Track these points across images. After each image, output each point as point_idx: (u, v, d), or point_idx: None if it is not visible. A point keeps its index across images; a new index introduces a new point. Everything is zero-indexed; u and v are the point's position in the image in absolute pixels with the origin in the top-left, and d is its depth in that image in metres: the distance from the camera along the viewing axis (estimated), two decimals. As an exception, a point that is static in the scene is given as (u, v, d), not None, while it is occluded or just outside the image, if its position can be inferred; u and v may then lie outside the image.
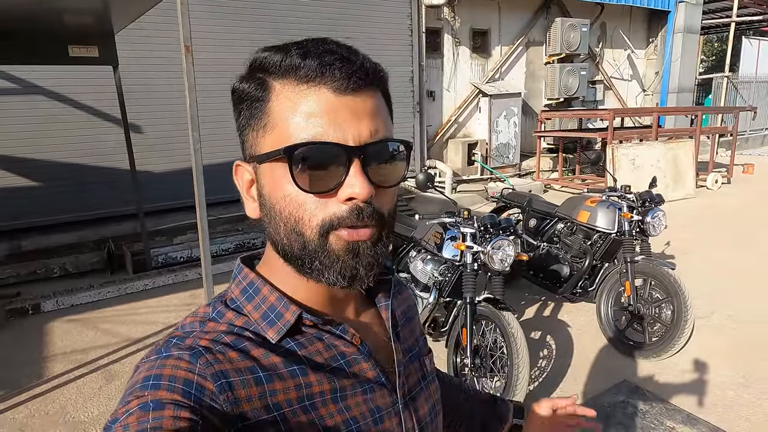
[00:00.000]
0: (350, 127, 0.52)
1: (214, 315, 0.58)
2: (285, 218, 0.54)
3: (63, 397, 3.01)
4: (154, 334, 3.81)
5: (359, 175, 0.52)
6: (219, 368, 0.50)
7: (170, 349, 0.52)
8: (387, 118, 0.57)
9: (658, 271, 3.22)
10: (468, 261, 2.75)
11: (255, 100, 0.55)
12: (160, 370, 0.49)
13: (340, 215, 0.52)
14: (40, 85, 5.35)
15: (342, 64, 0.52)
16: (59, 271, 5.09)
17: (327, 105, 0.51)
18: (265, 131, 0.54)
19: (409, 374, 0.66)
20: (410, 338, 0.71)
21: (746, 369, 3.11)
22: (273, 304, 0.58)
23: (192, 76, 2.68)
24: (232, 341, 0.54)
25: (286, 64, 0.53)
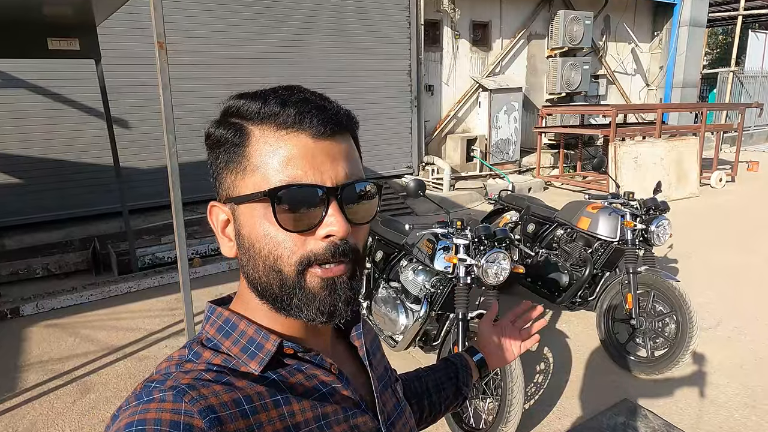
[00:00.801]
0: (328, 169, 0.55)
1: (191, 356, 0.58)
2: (264, 256, 0.56)
3: (34, 412, 2.86)
4: (135, 342, 3.66)
5: (337, 213, 0.55)
6: (205, 404, 0.50)
7: (151, 392, 0.50)
8: (358, 160, 0.61)
9: (662, 283, 3.06)
10: (461, 274, 2.58)
11: (233, 144, 0.57)
12: (143, 415, 0.47)
13: (317, 252, 0.55)
14: (22, 79, 5.16)
15: (318, 111, 0.56)
16: (42, 272, 4.93)
17: (305, 149, 0.55)
18: (244, 174, 0.56)
19: (385, 401, 0.68)
20: (380, 367, 0.74)
21: (753, 387, 2.96)
22: (252, 337, 0.59)
23: (167, 74, 2.50)
24: (213, 377, 0.54)
25: (265, 112, 0.55)
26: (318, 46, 6.99)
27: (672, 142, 7.84)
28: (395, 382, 0.76)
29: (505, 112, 8.90)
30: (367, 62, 7.49)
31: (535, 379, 3.13)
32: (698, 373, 3.11)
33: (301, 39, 6.85)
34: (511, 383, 2.33)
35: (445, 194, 7.76)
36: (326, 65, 7.10)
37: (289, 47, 6.75)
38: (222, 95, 0.61)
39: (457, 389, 0.99)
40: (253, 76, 6.41)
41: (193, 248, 5.26)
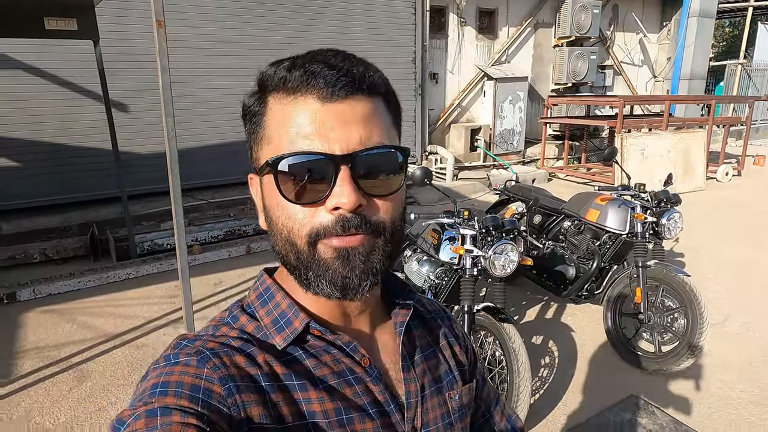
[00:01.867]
0: (338, 134, 0.51)
1: (229, 319, 0.59)
2: (279, 229, 0.55)
3: (29, 399, 2.81)
4: (133, 329, 3.60)
5: (346, 183, 0.51)
6: (226, 372, 0.51)
7: (179, 355, 0.52)
8: (385, 124, 0.55)
9: (671, 277, 2.99)
10: (467, 265, 2.51)
11: (254, 114, 0.56)
12: (167, 377, 0.49)
13: (326, 224, 0.52)
14: (19, 59, 5.05)
15: (328, 71, 0.51)
16: (40, 257, 4.86)
17: (313, 114, 0.51)
18: (262, 144, 0.55)
19: (428, 408, 0.63)
20: (435, 371, 0.67)
21: (762, 385, 2.90)
22: (284, 311, 0.58)
23: (165, 55, 2.41)
24: (240, 345, 0.55)
25: (277, 78, 0.53)
26: (322, 31, 6.86)
27: (679, 135, 7.73)
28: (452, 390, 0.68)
29: (510, 101, 8.78)
30: (371, 48, 7.35)
31: (541, 374, 3.07)
32: (706, 369, 3.05)
33: (304, 23, 6.72)
34: (517, 378, 2.27)
35: (448, 184, 7.67)
36: (329, 51, 6.97)
37: (292, 31, 6.62)
38: (222, 79, 0.56)
39: None
40: (255, 59, 6.28)
41: (192, 235, 5.19)
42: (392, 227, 0.55)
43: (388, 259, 0.56)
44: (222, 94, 6.13)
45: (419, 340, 0.68)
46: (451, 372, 0.70)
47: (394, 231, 0.56)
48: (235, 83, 6.11)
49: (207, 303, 4.03)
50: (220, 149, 6.31)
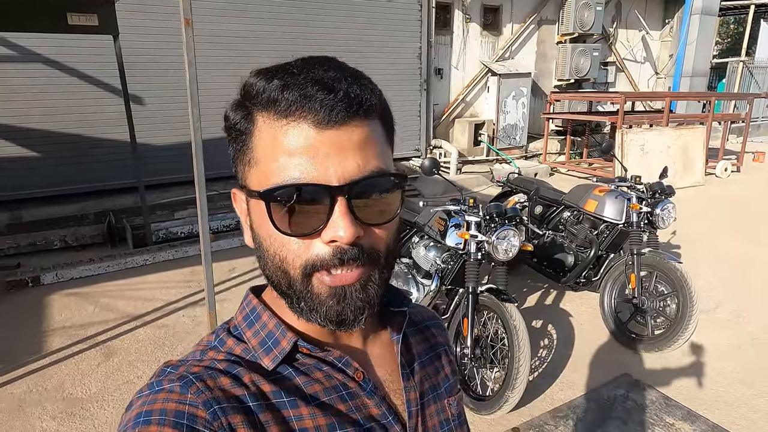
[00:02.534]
0: (333, 163, 0.48)
1: (216, 343, 0.58)
2: (271, 256, 0.52)
3: (61, 373, 3.01)
4: (154, 311, 3.79)
5: (343, 216, 0.48)
6: (210, 395, 0.49)
7: (162, 382, 0.51)
8: (381, 147, 0.52)
9: (664, 264, 3.16)
10: (472, 250, 2.69)
11: (240, 133, 0.53)
12: (151, 405, 0.48)
13: (322, 257, 0.50)
14: (41, 53, 5.24)
15: (324, 95, 0.47)
16: (59, 244, 5.06)
17: (307, 141, 0.48)
18: (250, 166, 0.52)
19: (427, 416, 0.62)
20: (435, 377, 0.67)
21: (748, 366, 3.08)
22: (271, 331, 0.56)
23: (192, 50, 2.58)
24: (225, 368, 0.53)
25: (266, 97, 0.49)
26: (329, 27, 7.02)
27: (679, 131, 7.88)
28: (451, 396, 0.68)
29: (514, 97, 8.93)
30: (377, 44, 7.51)
31: (540, 354, 3.26)
32: (696, 351, 3.24)
33: (312, 19, 6.88)
34: (518, 352, 2.45)
35: (451, 178, 7.84)
36: (336, 46, 7.12)
37: (301, 26, 6.78)
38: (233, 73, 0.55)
39: None
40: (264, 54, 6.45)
41: (205, 224, 5.38)
42: (387, 253, 0.54)
43: (384, 285, 0.55)
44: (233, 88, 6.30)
45: (416, 347, 0.67)
46: (448, 378, 0.70)
47: (389, 256, 0.54)
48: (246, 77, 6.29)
49: (222, 288, 4.23)
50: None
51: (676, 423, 2.58)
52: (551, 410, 2.69)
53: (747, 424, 2.57)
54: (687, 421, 2.60)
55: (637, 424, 2.58)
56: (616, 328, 3.34)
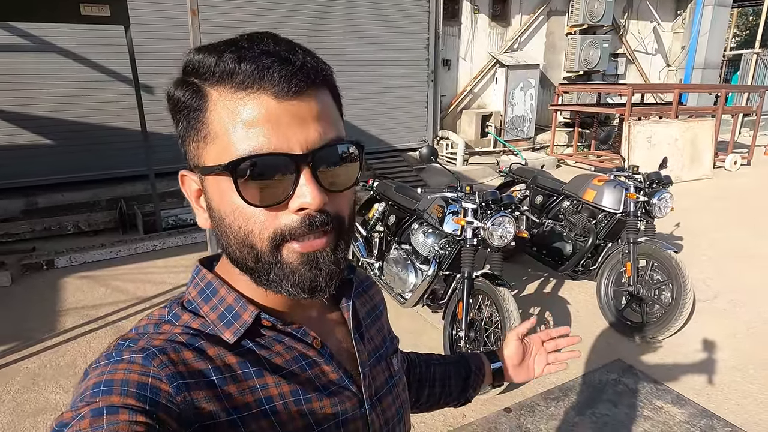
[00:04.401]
0: (295, 133, 0.49)
1: (170, 317, 0.56)
2: (235, 231, 0.52)
3: (74, 350, 3.14)
4: (163, 293, 3.92)
5: (310, 182, 0.49)
6: (174, 370, 0.49)
7: (122, 352, 0.50)
8: (336, 117, 0.54)
9: (660, 253, 3.21)
10: (468, 236, 2.77)
11: (192, 109, 0.52)
12: (111, 375, 0.47)
13: (291, 226, 0.50)
14: (54, 43, 5.36)
15: (281, 66, 0.48)
16: (73, 229, 5.22)
17: (268, 112, 0.48)
18: (206, 142, 0.51)
19: (375, 375, 0.66)
20: (377, 337, 0.71)
21: (742, 354, 3.12)
22: (230, 305, 0.56)
23: (198, 40, 2.68)
24: (187, 340, 0.53)
25: (221, 70, 0.49)
26: (336, 18, 7.07)
27: (687, 123, 7.83)
28: (393, 354, 0.72)
29: (522, 88, 8.93)
30: (385, 36, 7.55)
31: (535, 339, 3.32)
32: (691, 338, 3.29)
33: (323, 10, 6.93)
34: (510, 335, 2.53)
35: (458, 169, 7.89)
36: (344, 38, 7.18)
37: (310, 17, 6.84)
38: None
39: (462, 390, 0.95)
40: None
41: (214, 211, 5.50)
42: (350, 219, 0.56)
43: (348, 250, 0.56)
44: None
45: (360, 310, 0.70)
46: (388, 336, 0.74)
47: (351, 223, 0.56)
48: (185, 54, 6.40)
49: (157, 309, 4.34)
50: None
51: (665, 406, 2.65)
52: (543, 392, 2.77)
53: (735, 408, 2.63)
54: (676, 405, 2.66)
55: (626, 407, 2.65)
56: (612, 315, 3.40)
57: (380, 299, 0.78)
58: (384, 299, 0.80)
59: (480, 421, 2.55)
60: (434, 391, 0.92)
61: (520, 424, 2.53)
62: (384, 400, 0.66)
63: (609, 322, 3.43)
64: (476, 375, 0.95)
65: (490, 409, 2.63)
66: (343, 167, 0.53)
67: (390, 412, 0.66)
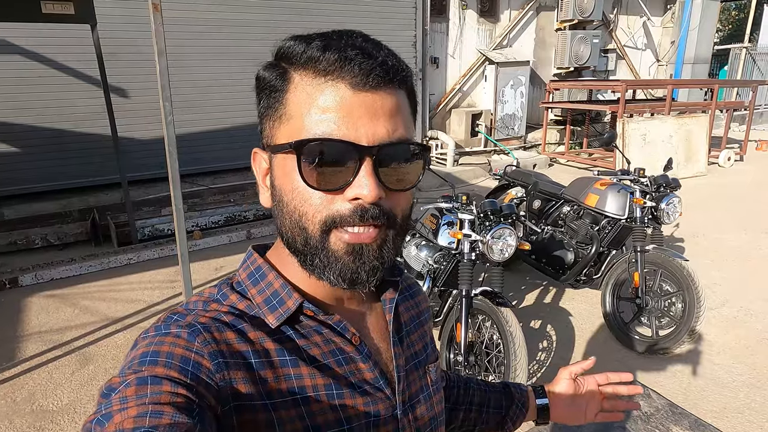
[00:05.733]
0: (365, 125, 0.51)
1: (218, 296, 0.59)
2: (290, 211, 0.54)
3: (33, 383, 2.85)
4: (135, 314, 3.63)
5: (369, 176, 0.51)
6: (217, 347, 0.51)
7: (170, 326, 0.52)
8: (408, 118, 0.55)
9: (669, 262, 2.99)
10: (465, 250, 2.52)
11: (274, 89, 0.55)
12: (158, 347, 0.49)
13: (343, 213, 0.52)
14: (15, 44, 5.02)
15: (363, 59, 0.50)
16: (41, 242, 4.89)
17: (342, 101, 0.50)
18: (280, 122, 0.54)
19: (411, 381, 0.65)
20: (418, 344, 0.70)
21: (758, 369, 2.92)
22: (276, 290, 0.58)
23: (162, 38, 2.39)
24: (231, 321, 0.55)
25: (306, 56, 0.52)
26: (321, 14, 6.79)
27: (681, 120, 7.68)
28: (431, 363, 0.71)
29: (512, 86, 8.71)
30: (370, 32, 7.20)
31: (538, 357, 3.10)
32: (703, 352, 3.08)
33: (304, 5, 6.65)
34: (514, 361, 2.29)
35: (448, 169, 7.66)
36: (329, 35, 6.91)
37: (290, 14, 6.55)
38: (220, 63, 0.53)
39: (500, 421, 0.91)
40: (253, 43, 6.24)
41: (193, 221, 5.21)
42: (403, 219, 0.56)
43: (396, 250, 0.57)
44: (220, 78, 6.11)
45: (404, 315, 0.69)
46: (429, 345, 0.72)
47: (404, 223, 0.57)
48: (232, 68, 6.08)
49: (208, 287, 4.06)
50: (218, 135, 6.30)
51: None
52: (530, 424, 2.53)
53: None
54: (695, 431, 2.44)
55: (641, 435, 2.42)
56: (618, 328, 3.18)
57: (426, 307, 0.77)
58: (429, 308, 0.78)
59: (483, 457, 2.30)
60: (470, 416, 0.89)
61: (527, 458, 2.29)
62: (418, 408, 0.65)
63: (615, 336, 3.20)
64: (518, 408, 0.91)
65: (493, 441, 2.39)
66: (405, 167, 0.54)
67: (422, 421, 0.65)
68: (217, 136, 6.26)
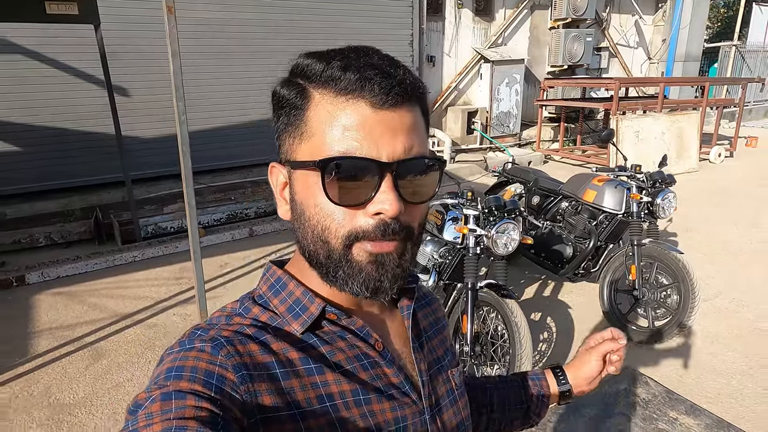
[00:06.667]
0: (385, 142, 0.52)
1: (241, 310, 0.60)
2: (313, 225, 0.55)
3: (48, 377, 2.91)
4: (143, 309, 3.69)
5: (390, 191, 0.52)
6: (240, 360, 0.52)
7: (193, 341, 0.53)
8: (423, 134, 0.57)
9: (665, 254, 3.11)
10: (470, 244, 2.61)
11: (294, 107, 0.56)
12: (182, 362, 0.50)
13: (366, 228, 0.53)
14: (19, 44, 5.04)
15: (382, 78, 0.52)
16: (45, 241, 4.92)
17: (363, 119, 0.52)
18: (301, 139, 0.55)
19: (435, 386, 0.66)
20: (439, 349, 0.71)
21: (751, 356, 3.04)
22: (298, 298, 0.59)
23: (176, 40, 2.46)
24: (254, 333, 0.56)
25: (327, 75, 0.53)
26: (321, 14, 6.85)
27: (674, 117, 7.82)
28: (454, 368, 0.72)
29: (507, 84, 8.82)
30: (368, 31, 7.35)
31: (540, 348, 3.20)
32: (698, 342, 3.20)
33: (303, 5, 6.70)
34: (519, 350, 2.39)
35: (446, 167, 7.74)
36: (325, 33, 6.96)
37: (291, 13, 6.61)
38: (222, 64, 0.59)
39: (525, 417, 0.90)
40: (254, 44, 6.29)
41: (195, 218, 5.26)
42: (419, 231, 0.59)
43: (413, 260, 0.59)
44: (221, 79, 6.16)
45: (422, 321, 0.71)
46: (450, 351, 0.74)
47: (419, 234, 0.59)
48: (234, 68, 6.13)
49: (215, 284, 4.13)
50: (217, 133, 6.35)
51: (679, 417, 2.54)
52: (552, 406, 2.63)
53: (752, 417, 2.54)
54: (691, 416, 2.55)
55: (640, 419, 2.53)
56: (615, 320, 3.29)
57: (442, 315, 0.78)
58: (445, 315, 0.80)
59: (489, 442, 2.40)
60: (493, 417, 0.88)
61: (532, 443, 2.39)
62: (445, 412, 0.65)
63: (613, 327, 3.31)
64: (540, 399, 0.90)
65: (499, 427, 2.49)
66: (422, 180, 0.56)
67: (451, 425, 0.66)
68: (213, 134, 6.31)
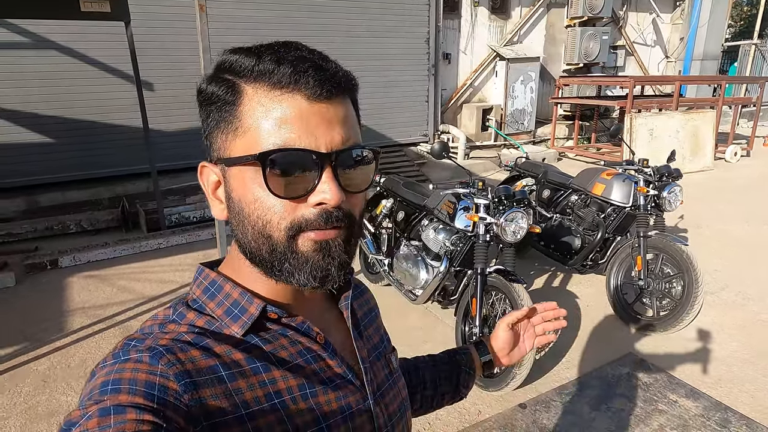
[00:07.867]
0: (322, 133, 0.53)
1: (175, 317, 0.57)
2: (253, 221, 0.54)
3: (83, 351, 3.12)
4: (169, 293, 3.90)
5: (331, 181, 0.53)
6: (181, 368, 0.50)
7: (129, 352, 0.50)
8: (356, 124, 0.58)
9: (670, 246, 3.21)
10: (480, 232, 2.75)
11: (225, 103, 0.55)
12: (119, 374, 0.48)
13: (309, 218, 0.53)
14: (53, 40, 5.29)
15: (316, 71, 0.53)
16: (75, 228, 5.17)
17: (300, 111, 0.52)
18: (235, 135, 0.54)
19: (376, 371, 0.68)
20: (375, 336, 0.74)
21: (753, 346, 3.13)
22: (236, 300, 0.58)
23: (207, 37, 2.64)
24: (193, 339, 0.54)
25: (259, 69, 0.53)
26: (338, 12, 7.01)
27: (688, 115, 7.83)
28: (391, 352, 0.75)
29: (522, 82, 8.90)
30: (385, 29, 7.50)
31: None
32: (701, 331, 3.29)
33: (322, 3, 6.87)
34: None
35: (459, 163, 7.85)
36: (345, 32, 7.13)
37: (310, 11, 6.78)
38: None
39: (455, 389, 0.96)
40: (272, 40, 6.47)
41: (216, 209, 5.47)
42: (359, 219, 0.59)
43: (356, 248, 0.60)
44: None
45: (358, 311, 0.73)
46: (384, 337, 0.77)
47: (360, 222, 0.60)
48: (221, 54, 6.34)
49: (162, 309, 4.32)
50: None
51: (679, 400, 2.65)
52: (557, 387, 2.76)
53: (750, 401, 2.63)
54: (690, 398, 2.66)
55: (641, 401, 2.65)
56: (621, 309, 3.40)
57: (374, 303, 0.81)
58: (377, 303, 0.82)
59: (496, 417, 2.54)
60: (426, 394, 0.93)
61: (536, 419, 2.53)
62: (386, 395, 0.67)
63: (619, 316, 3.42)
64: (467, 373, 0.96)
65: (505, 405, 2.63)
66: (360, 170, 0.57)
67: (392, 407, 0.68)
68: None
